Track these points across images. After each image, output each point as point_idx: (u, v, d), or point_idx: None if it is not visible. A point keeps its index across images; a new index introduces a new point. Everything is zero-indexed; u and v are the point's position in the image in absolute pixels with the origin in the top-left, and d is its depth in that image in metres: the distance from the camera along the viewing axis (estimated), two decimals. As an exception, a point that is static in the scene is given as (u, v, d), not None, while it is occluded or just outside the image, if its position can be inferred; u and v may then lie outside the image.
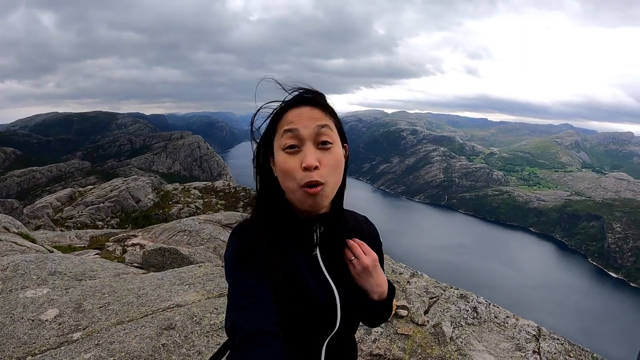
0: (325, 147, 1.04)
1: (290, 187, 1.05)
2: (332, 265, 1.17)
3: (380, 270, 1.21)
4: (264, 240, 1.08)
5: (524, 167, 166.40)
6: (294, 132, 1.03)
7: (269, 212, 1.14)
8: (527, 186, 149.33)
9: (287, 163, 1.03)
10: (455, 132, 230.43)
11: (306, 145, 1.03)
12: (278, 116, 1.10)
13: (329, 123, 1.07)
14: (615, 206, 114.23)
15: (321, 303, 1.09)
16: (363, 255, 1.16)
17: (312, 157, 1.01)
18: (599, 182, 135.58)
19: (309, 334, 1.11)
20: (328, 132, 1.05)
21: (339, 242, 1.19)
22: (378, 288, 1.19)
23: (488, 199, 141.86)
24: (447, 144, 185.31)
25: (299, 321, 1.07)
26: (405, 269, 5.08)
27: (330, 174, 1.04)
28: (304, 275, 1.09)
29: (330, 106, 1.13)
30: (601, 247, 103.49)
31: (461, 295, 4.18)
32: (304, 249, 1.14)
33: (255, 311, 0.95)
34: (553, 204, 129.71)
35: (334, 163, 1.05)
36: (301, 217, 1.11)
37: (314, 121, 1.04)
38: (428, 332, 3.48)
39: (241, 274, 1.01)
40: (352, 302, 1.15)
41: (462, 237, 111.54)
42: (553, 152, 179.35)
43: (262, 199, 1.16)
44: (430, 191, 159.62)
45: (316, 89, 1.13)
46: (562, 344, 3.34)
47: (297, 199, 1.06)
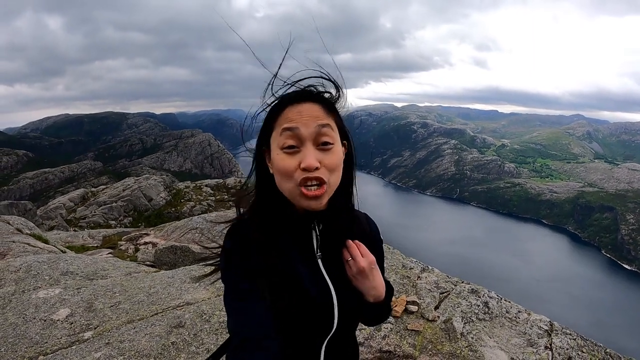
0: (325, 148, 1.01)
1: (287, 187, 1.03)
2: (332, 264, 1.14)
3: (377, 272, 1.18)
4: (260, 239, 1.06)
5: (536, 159, 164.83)
6: (293, 131, 1.00)
7: (266, 210, 1.11)
8: (539, 178, 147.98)
9: (285, 163, 1.00)
10: (466, 125, 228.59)
11: (306, 145, 1.00)
12: (276, 112, 1.06)
13: (330, 122, 1.04)
14: (628, 197, 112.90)
15: (318, 303, 1.07)
16: (360, 257, 1.13)
17: (313, 158, 0.98)
18: (611, 173, 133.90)
19: (307, 334, 1.09)
20: (329, 132, 1.02)
21: (339, 240, 1.17)
22: (373, 291, 1.17)
23: (500, 192, 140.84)
24: (458, 136, 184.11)
25: (297, 321, 1.05)
26: (415, 263, 5.04)
27: (330, 174, 1.01)
28: (301, 274, 1.07)
29: (331, 102, 1.09)
30: (615, 238, 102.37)
31: (472, 290, 4.14)
32: (302, 247, 1.11)
33: (251, 315, 0.93)
34: (566, 195, 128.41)
35: (334, 164, 1.02)
36: (299, 214, 1.08)
37: (314, 120, 1.01)
38: (439, 328, 3.45)
39: (236, 276, 0.99)
40: (351, 303, 1.14)
41: (474, 230, 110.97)
42: (565, 143, 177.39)
43: (259, 196, 1.14)
44: (442, 184, 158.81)
45: (330, 77, 1.10)
46: (574, 339, 3.29)
47: (294, 199, 1.04)
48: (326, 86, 1.10)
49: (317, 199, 1.00)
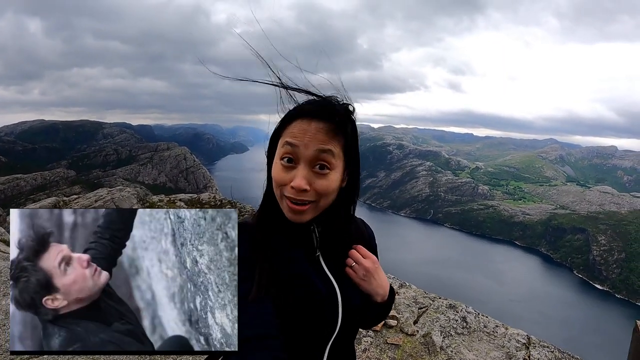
0: (321, 172, 1.01)
1: (277, 195, 1.06)
2: (332, 264, 1.16)
3: (381, 270, 1.22)
4: (263, 239, 1.07)
5: (509, 182, 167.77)
6: (293, 147, 1.00)
7: (270, 211, 1.12)
8: (512, 200, 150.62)
9: (279, 174, 1.02)
10: (441, 147, 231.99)
11: (300, 165, 1.00)
12: (287, 121, 1.05)
13: (333, 147, 1.02)
14: (600, 219, 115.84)
15: (323, 297, 1.08)
16: (363, 259, 1.17)
17: (303, 180, 0.99)
18: (583, 196, 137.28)
19: (311, 336, 1.09)
20: (328, 158, 1.01)
21: (339, 241, 1.18)
22: (380, 289, 1.20)
23: (474, 213, 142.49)
24: (433, 158, 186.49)
25: (301, 320, 1.05)
26: (393, 279, 5.07)
27: (319, 197, 1.03)
28: (305, 272, 1.09)
29: (346, 121, 1.06)
30: (586, 259, 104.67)
31: (450, 305, 4.18)
32: (303, 247, 1.12)
33: (253, 315, 0.93)
34: (538, 217, 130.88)
35: (325, 189, 1.02)
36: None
37: (316, 143, 0.99)
38: (418, 342, 3.46)
39: (240, 275, 0.97)
40: (354, 300, 1.15)
41: (448, 251, 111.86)
42: (538, 166, 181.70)
43: (266, 198, 1.15)
44: (416, 205, 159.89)
45: (342, 101, 1.08)
46: (552, 352, 3.34)
47: (281, 207, 1.06)
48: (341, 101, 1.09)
49: (299, 214, 1.02)
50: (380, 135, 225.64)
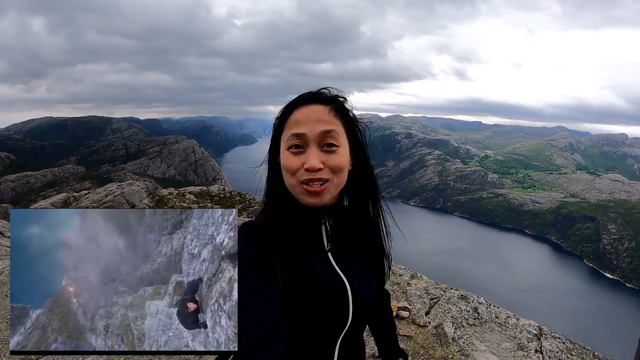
0: (330, 150, 1.05)
1: (291, 184, 1.07)
2: (341, 258, 1.16)
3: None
4: (272, 235, 1.07)
5: (519, 170, 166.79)
6: (299, 132, 1.04)
7: (277, 206, 1.14)
8: (522, 188, 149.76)
9: (290, 162, 1.05)
10: (450, 136, 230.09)
11: (310, 147, 1.04)
12: (287, 114, 1.09)
13: (336, 128, 1.07)
14: (610, 207, 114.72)
15: (333, 292, 1.09)
16: None
17: (316, 160, 1.02)
18: (593, 184, 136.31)
19: (322, 331, 1.10)
20: (334, 135, 1.05)
21: (349, 234, 1.19)
22: None
23: (483, 202, 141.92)
24: (441, 147, 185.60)
25: (312, 316, 1.06)
26: (405, 270, 5.08)
27: (333, 175, 1.05)
28: (314, 267, 1.09)
29: (342, 106, 1.13)
30: (596, 248, 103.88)
31: (462, 296, 4.19)
32: (312, 241, 1.14)
33: (260, 315, 0.93)
34: (548, 206, 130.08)
35: (338, 165, 1.05)
36: (311, 208, 1.10)
37: (320, 125, 1.04)
38: (430, 333, 3.49)
39: (247, 275, 0.98)
40: (363, 293, 1.15)
41: (457, 240, 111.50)
42: (547, 154, 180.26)
43: (270, 193, 1.17)
44: (425, 194, 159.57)
45: (336, 90, 1.15)
46: (563, 343, 3.35)
47: (297, 195, 1.08)
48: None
49: (317, 195, 1.04)
50: (388, 125, 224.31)
